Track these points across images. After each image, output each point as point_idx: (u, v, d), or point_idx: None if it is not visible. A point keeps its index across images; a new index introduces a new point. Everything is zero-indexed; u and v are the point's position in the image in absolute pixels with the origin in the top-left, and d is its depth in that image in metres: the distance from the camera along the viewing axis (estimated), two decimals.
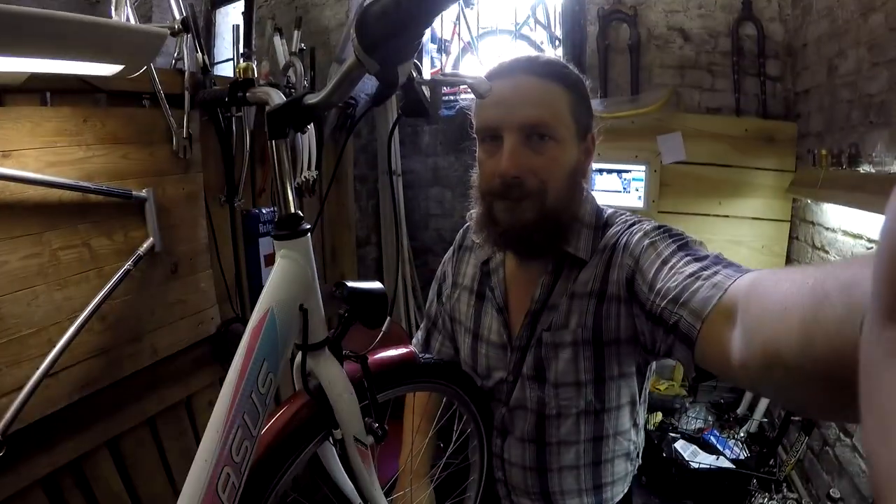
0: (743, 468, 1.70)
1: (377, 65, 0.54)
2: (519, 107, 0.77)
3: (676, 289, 0.61)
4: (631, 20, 2.23)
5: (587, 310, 0.81)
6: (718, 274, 0.57)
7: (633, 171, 2.31)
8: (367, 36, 0.52)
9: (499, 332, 0.91)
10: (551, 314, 0.84)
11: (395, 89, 0.57)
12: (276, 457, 0.68)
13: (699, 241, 0.74)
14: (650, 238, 0.74)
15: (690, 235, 0.74)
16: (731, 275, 0.55)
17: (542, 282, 0.85)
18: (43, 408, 1.02)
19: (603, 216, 0.87)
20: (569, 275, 0.84)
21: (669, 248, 0.70)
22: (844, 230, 1.68)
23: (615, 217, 0.87)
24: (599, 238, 0.84)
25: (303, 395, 0.71)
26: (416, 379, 0.87)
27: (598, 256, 0.82)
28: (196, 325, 1.40)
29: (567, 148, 0.80)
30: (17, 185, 0.97)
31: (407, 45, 0.54)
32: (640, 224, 0.81)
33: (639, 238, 0.76)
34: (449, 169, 2.76)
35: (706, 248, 0.70)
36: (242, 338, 0.60)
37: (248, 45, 1.54)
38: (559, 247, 0.83)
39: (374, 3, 0.50)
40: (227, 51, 1.84)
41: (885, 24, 1.43)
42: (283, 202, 0.65)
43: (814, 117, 1.96)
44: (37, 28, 0.71)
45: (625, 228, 0.82)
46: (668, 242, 0.72)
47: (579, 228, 0.84)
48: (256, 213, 1.61)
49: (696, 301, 0.56)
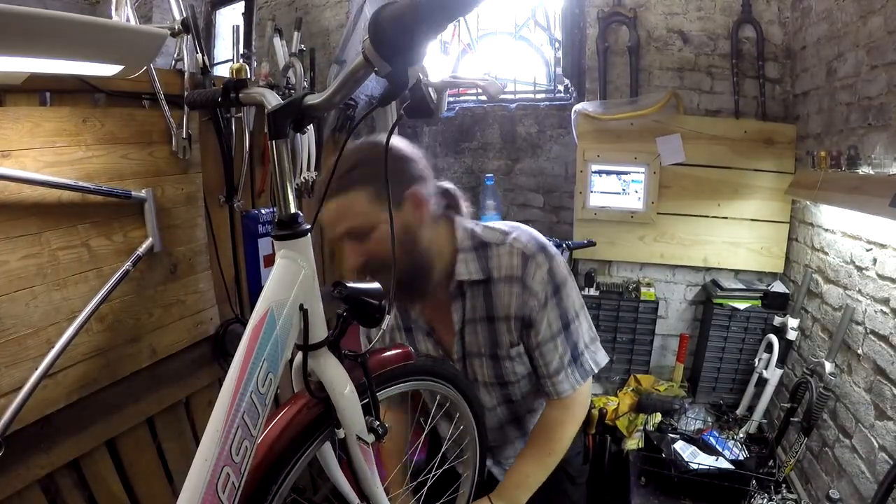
0: (742, 469, 1.70)
1: (389, 66, 0.54)
2: (331, 228, 0.93)
3: (551, 367, 1.03)
4: (630, 22, 2.23)
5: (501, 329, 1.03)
6: (570, 378, 1.03)
7: (633, 172, 2.31)
8: (382, 38, 0.52)
9: (435, 350, 1.11)
10: (472, 333, 1.05)
11: (404, 91, 0.58)
12: (281, 457, 0.68)
13: (577, 311, 1.03)
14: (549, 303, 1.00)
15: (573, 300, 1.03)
16: (573, 383, 1.04)
17: (456, 307, 1.04)
18: (42, 408, 1.02)
19: (476, 236, 1.02)
20: (474, 294, 1.02)
21: (557, 323, 1.01)
22: (843, 232, 1.68)
23: (486, 234, 1.03)
24: (485, 258, 1.01)
25: (304, 396, 0.71)
26: (413, 378, 0.88)
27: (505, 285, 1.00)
28: (195, 326, 1.40)
29: (378, 226, 0.90)
30: (16, 185, 0.97)
31: (420, 48, 0.54)
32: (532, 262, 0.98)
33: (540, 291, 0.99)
34: (448, 170, 2.76)
35: (579, 320, 1.04)
36: (242, 338, 0.60)
37: (247, 46, 1.54)
38: (452, 279, 1.00)
39: (390, 5, 0.50)
40: (226, 51, 1.84)
41: (884, 26, 1.44)
42: (282, 202, 0.65)
43: (813, 119, 1.97)
44: (37, 28, 0.71)
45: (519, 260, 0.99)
46: (556, 315, 1.01)
47: (463, 257, 1.00)
48: (256, 214, 1.61)
49: (557, 387, 1.04)
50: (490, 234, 1.03)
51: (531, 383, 1.12)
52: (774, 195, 2.18)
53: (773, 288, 2.11)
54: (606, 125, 2.29)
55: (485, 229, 1.04)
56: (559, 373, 1.03)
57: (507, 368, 1.07)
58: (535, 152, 2.59)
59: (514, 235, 1.01)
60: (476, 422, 1.01)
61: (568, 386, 1.03)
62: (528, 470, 1.04)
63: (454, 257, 1.00)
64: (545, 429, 1.07)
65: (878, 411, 1.38)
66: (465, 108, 2.67)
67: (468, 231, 1.03)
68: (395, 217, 0.91)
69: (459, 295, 1.03)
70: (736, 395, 2.19)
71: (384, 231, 0.90)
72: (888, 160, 1.41)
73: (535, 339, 1.02)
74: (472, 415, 1.00)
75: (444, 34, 2.85)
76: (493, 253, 1.01)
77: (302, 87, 1.75)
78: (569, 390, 1.03)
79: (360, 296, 0.70)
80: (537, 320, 1.00)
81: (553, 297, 1.00)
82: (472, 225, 1.06)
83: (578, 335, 1.04)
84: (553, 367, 1.02)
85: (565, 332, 1.02)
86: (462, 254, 1.00)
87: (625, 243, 2.37)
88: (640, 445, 1.94)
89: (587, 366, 1.05)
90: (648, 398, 2.15)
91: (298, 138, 1.73)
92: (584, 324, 1.06)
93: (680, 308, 2.43)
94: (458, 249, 1.00)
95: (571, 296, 1.03)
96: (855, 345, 1.54)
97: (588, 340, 1.07)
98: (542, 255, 0.99)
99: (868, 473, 1.39)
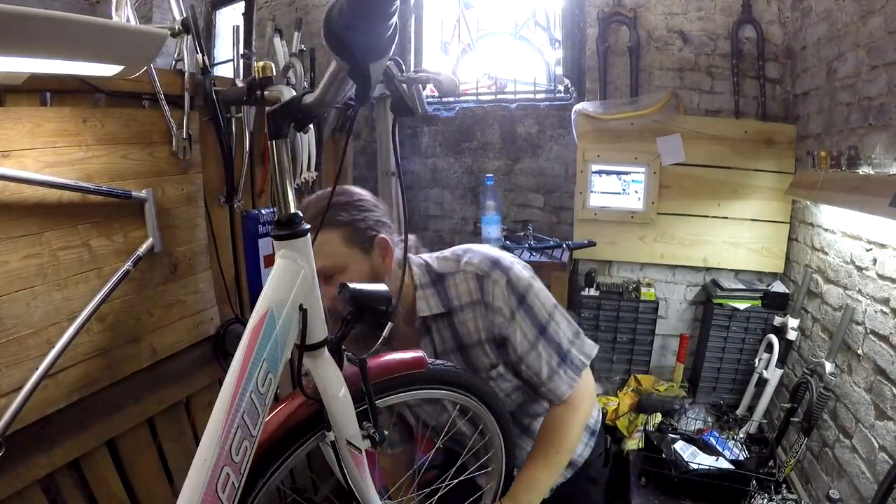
0: (742, 469, 1.69)
1: (346, 64, 0.54)
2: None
3: (542, 374, 1.01)
4: (630, 22, 2.23)
5: (476, 354, 1.05)
6: (564, 379, 1.02)
7: (633, 172, 2.32)
8: (331, 37, 0.52)
9: None
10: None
11: (369, 88, 0.57)
12: (268, 455, 0.68)
13: (549, 313, 1.03)
14: (517, 314, 0.99)
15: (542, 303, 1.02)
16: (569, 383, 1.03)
17: (425, 343, 1.06)
18: (42, 408, 1.02)
19: (432, 270, 1.05)
20: (440, 327, 1.05)
21: (532, 331, 1.00)
22: (843, 232, 1.68)
23: (441, 265, 1.05)
24: (444, 289, 1.03)
25: (300, 395, 0.71)
26: (424, 385, 0.87)
27: (468, 312, 1.02)
28: (195, 326, 1.40)
29: (354, 269, 0.94)
30: (16, 186, 0.97)
31: (372, 42, 0.53)
32: (488, 280, 0.99)
33: (504, 307, 0.99)
34: (448, 170, 2.76)
35: (555, 320, 1.03)
36: (242, 338, 0.60)
37: (247, 46, 1.54)
38: (416, 316, 1.03)
39: (335, 4, 0.50)
40: (226, 52, 1.84)
41: (884, 26, 1.44)
42: (282, 202, 0.65)
43: (813, 119, 1.97)
44: (37, 28, 0.71)
45: (475, 283, 1.00)
46: (528, 325, 1.00)
47: (422, 293, 1.02)
48: (256, 214, 1.61)
49: (555, 392, 1.03)
50: (444, 264, 1.05)
51: (525, 394, 1.12)
52: (774, 195, 2.18)
53: (774, 288, 2.12)
54: (606, 125, 2.29)
55: (438, 261, 1.06)
56: (552, 378, 1.02)
57: (495, 388, 1.07)
58: (535, 152, 2.59)
59: (465, 259, 1.03)
60: (502, 432, 1.00)
61: (566, 387, 1.03)
62: (538, 472, 1.02)
63: (414, 294, 1.03)
64: (551, 429, 1.06)
65: (878, 411, 1.38)
66: (465, 108, 2.67)
67: (423, 266, 1.05)
68: (365, 261, 0.97)
69: (426, 331, 1.05)
70: (736, 396, 2.19)
71: (354, 273, 0.94)
72: (888, 160, 1.41)
73: (516, 354, 1.02)
74: (499, 427, 0.99)
75: (444, 35, 2.86)
76: (449, 283, 1.02)
77: (302, 88, 1.75)
78: (567, 391, 1.03)
79: (365, 298, 0.70)
80: (510, 335, 1.00)
81: (519, 308, 1.00)
82: (427, 258, 1.08)
83: (559, 335, 1.03)
84: (545, 374, 1.02)
85: (544, 337, 1.02)
86: (420, 290, 1.03)
87: (625, 243, 2.37)
88: (640, 445, 1.94)
89: (577, 361, 1.05)
90: (648, 398, 2.15)
91: (298, 138, 1.73)
92: (561, 322, 1.05)
93: (680, 308, 2.43)
94: (416, 286, 1.03)
95: (539, 299, 1.02)
96: (855, 345, 1.54)
97: (571, 336, 1.06)
98: (497, 271, 1.00)
99: (868, 473, 1.39)
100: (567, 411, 1.05)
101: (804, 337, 1.93)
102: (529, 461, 1.05)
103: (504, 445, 1.01)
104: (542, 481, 1.02)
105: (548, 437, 1.06)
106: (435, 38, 2.87)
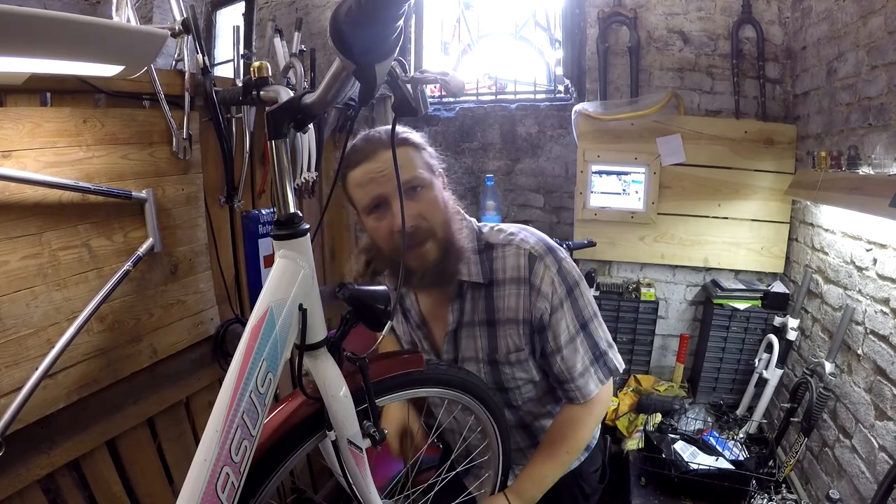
0: (742, 469, 1.69)
1: (353, 64, 0.54)
2: (375, 185, 0.90)
3: (575, 370, 1.00)
4: (630, 23, 2.23)
5: (501, 334, 1.01)
6: (594, 377, 1.01)
7: (633, 173, 2.31)
8: (338, 37, 0.52)
9: (422, 344, 1.11)
10: (469, 336, 1.03)
11: (374, 87, 0.57)
12: (269, 455, 0.68)
13: (594, 312, 1.02)
14: (564, 304, 0.97)
15: (588, 300, 1.01)
16: (597, 382, 1.02)
17: (453, 307, 1.02)
18: (42, 408, 1.02)
19: (482, 237, 1.02)
20: (474, 297, 1.01)
21: (574, 325, 0.99)
22: (843, 232, 1.68)
23: (492, 236, 1.02)
24: (487, 260, 0.99)
25: (300, 395, 0.71)
26: (424, 385, 0.87)
27: (510, 287, 0.98)
28: (195, 326, 1.40)
29: (434, 187, 0.95)
30: (16, 186, 0.97)
31: (379, 42, 0.53)
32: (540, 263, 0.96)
33: (551, 294, 0.96)
34: (448, 170, 2.75)
35: (597, 321, 1.03)
36: (242, 338, 0.60)
37: (248, 47, 1.54)
38: (455, 277, 0.99)
39: (343, 4, 0.50)
40: (227, 52, 1.84)
41: (884, 27, 1.44)
42: (282, 202, 0.65)
43: (813, 120, 1.97)
44: (38, 28, 0.71)
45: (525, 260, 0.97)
46: (572, 317, 0.98)
47: (468, 256, 0.99)
48: (256, 214, 1.61)
49: (583, 390, 1.01)
50: (495, 235, 1.01)
51: (536, 389, 1.09)
52: (775, 195, 2.18)
53: (774, 288, 2.12)
54: (607, 125, 2.29)
55: (490, 230, 1.03)
56: (584, 374, 1.00)
57: (507, 374, 1.04)
58: (535, 152, 2.59)
59: (521, 236, 1.00)
60: (500, 434, 0.99)
61: (594, 386, 1.01)
62: (545, 469, 1.02)
63: (462, 253, 0.98)
64: (563, 427, 1.05)
65: (878, 411, 1.38)
66: (466, 109, 2.67)
67: (474, 231, 1.02)
68: (440, 188, 0.98)
69: (458, 295, 1.01)
70: (736, 396, 2.19)
71: (434, 193, 0.94)
72: (888, 160, 1.41)
73: (555, 343, 0.99)
74: (497, 430, 0.98)
75: (444, 35, 2.86)
76: (497, 254, 0.99)
77: (302, 88, 1.75)
78: (594, 391, 1.02)
79: (365, 298, 0.70)
80: (553, 323, 0.98)
81: (567, 299, 0.97)
82: (478, 225, 1.05)
83: (598, 335, 1.02)
84: (578, 370, 1.00)
85: (584, 333, 1.00)
86: (468, 253, 0.99)
87: (625, 243, 2.37)
88: (640, 446, 1.94)
89: (611, 365, 1.04)
90: (648, 398, 2.15)
91: (299, 139, 1.73)
92: (601, 326, 1.04)
93: (680, 308, 2.43)
94: (466, 248, 0.99)
95: (585, 296, 1.01)
96: (855, 345, 1.54)
97: (608, 341, 1.05)
98: (551, 257, 0.97)
99: (868, 474, 1.39)
100: (584, 412, 1.04)
101: (804, 337, 1.93)
102: (538, 456, 1.04)
103: (501, 447, 1.01)
104: (548, 478, 1.02)
105: (560, 434, 1.04)
106: (435, 38, 2.88)
